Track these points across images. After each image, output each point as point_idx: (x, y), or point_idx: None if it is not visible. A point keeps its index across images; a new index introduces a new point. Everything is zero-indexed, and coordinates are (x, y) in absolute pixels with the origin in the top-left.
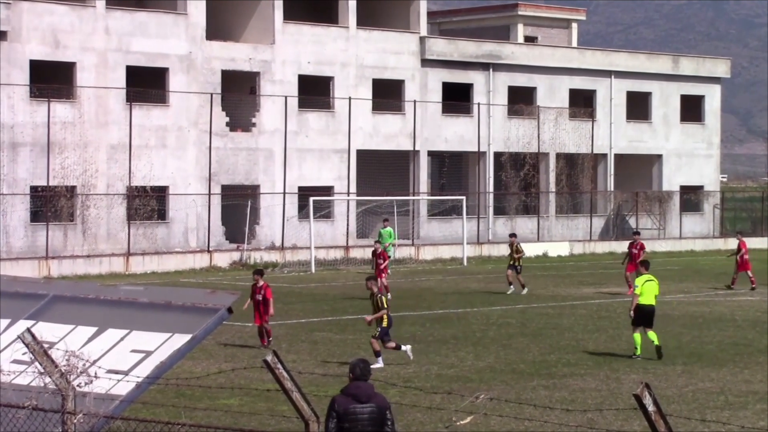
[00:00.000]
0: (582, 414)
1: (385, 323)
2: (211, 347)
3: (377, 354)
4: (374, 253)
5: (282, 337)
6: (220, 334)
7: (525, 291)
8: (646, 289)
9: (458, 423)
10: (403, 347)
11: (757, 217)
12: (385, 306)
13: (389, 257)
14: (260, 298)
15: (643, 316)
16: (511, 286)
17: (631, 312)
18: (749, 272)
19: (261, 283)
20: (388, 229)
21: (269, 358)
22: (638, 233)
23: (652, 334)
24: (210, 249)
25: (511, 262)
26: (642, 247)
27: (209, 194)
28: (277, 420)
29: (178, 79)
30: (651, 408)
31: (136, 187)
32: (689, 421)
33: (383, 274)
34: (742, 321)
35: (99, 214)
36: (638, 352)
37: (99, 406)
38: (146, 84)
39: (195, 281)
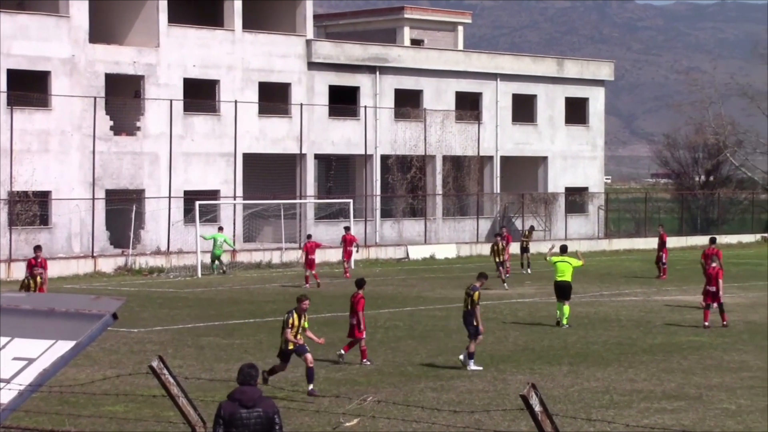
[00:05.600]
0: (470, 415)
1: None
2: (95, 354)
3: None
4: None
5: (168, 342)
6: (104, 341)
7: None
8: (561, 268)
9: (346, 425)
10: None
11: (641, 218)
12: None
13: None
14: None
15: (561, 291)
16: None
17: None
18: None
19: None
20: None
21: (155, 363)
22: (501, 233)
23: (566, 308)
24: (94, 254)
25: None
26: (509, 240)
27: (93, 199)
28: (164, 426)
29: (61, 83)
30: (537, 408)
31: (18, 192)
32: (575, 420)
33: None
34: (627, 321)
35: None
36: (565, 322)
37: None
38: (28, 88)
39: (79, 287)
